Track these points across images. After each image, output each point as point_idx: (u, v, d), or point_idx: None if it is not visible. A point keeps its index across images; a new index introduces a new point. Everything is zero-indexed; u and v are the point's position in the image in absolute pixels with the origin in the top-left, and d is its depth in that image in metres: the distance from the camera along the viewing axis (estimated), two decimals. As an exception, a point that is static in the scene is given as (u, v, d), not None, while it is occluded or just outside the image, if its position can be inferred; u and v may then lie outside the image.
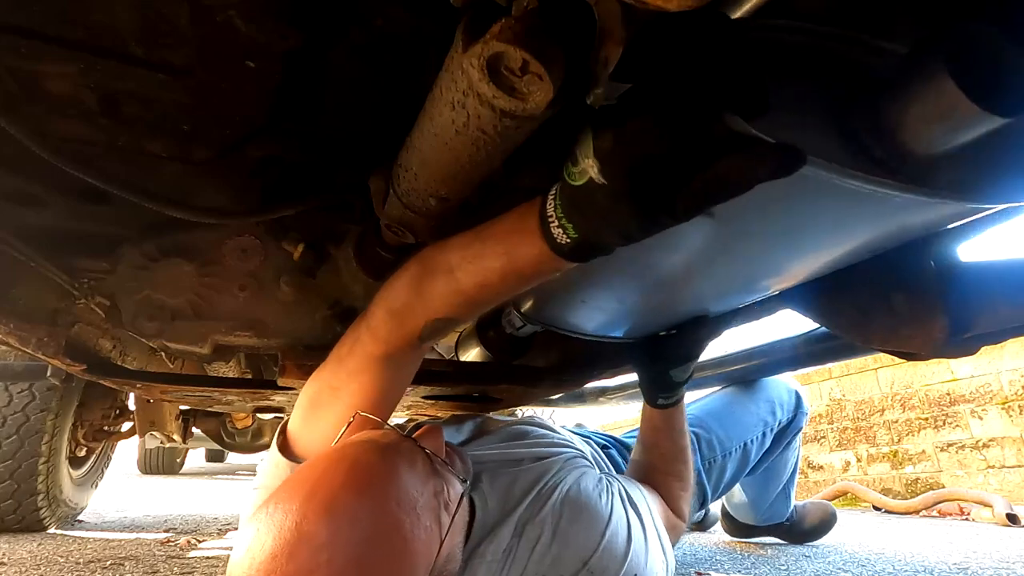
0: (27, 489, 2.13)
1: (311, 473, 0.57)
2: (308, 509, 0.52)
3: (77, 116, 0.64)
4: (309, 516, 0.51)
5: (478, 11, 0.41)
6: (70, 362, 0.98)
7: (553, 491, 0.86)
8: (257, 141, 0.70)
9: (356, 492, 0.54)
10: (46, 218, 0.82)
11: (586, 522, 0.83)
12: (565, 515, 0.82)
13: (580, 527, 0.82)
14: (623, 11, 0.35)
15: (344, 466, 0.57)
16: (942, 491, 3.07)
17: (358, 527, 0.52)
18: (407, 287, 0.64)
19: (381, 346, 0.68)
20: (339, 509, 0.52)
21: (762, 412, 1.48)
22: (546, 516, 0.81)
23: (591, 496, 0.88)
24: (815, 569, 1.62)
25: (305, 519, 0.51)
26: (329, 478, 0.55)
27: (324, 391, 0.73)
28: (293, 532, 0.51)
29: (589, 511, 0.85)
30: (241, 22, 0.53)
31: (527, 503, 0.83)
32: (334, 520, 0.51)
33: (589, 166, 0.43)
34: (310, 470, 0.58)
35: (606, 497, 0.89)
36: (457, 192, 0.58)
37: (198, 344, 0.89)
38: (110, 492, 4.01)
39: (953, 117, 0.44)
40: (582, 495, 0.87)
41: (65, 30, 0.54)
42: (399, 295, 0.65)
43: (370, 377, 0.69)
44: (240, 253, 0.89)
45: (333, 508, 0.52)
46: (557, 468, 0.92)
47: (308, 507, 0.52)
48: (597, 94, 0.42)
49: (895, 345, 0.69)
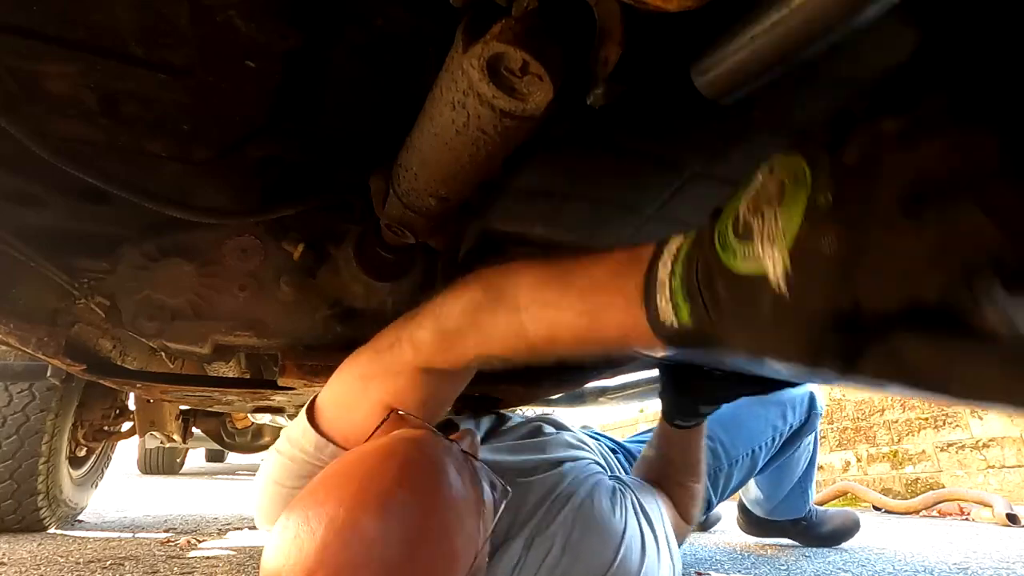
0: (27, 489, 2.13)
1: (360, 467, 0.55)
2: (361, 501, 0.51)
3: (77, 116, 0.64)
4: (362, 509, 0.50)
5: (478, 11, 0.41)
6: (70, 362, 0.98)
7: (566, 502, 0.83)
8: (257, 141, 0.70)
9: (410, 489, 0.53)
10: (46, 218, 0.82)
11: (598, 538, 0.79)
12: (577, 528, 0.79)
13: (592, 543, 0.79)
14: (623, 11, 0.35)
15: (396, 462, 0.55)
16: (942, 491, 3.07)
17: (410, 524, 0.51)
18: (464, 312, 0.58)
19: (421, 359, 0.63)
20: (393, 505, 0.51)
21: (772, 417, 1.43)
22: (557, 529, 0.79)
23: (605, 510, 0.84)
24: (815, 569, 1.62)
25: (358, 511, 0.50)
26: (381, 473, 0.54)
27: (356, 379, 0.69)
28: (346, 524, 0.49)
29: (602, 526, 0.81)
30: (241, 22, 0.53)
31: (539, 515, 0.80)
32: (388, 515, 0.50)
33: (771, 258, 0.28)
34: (358, 464, 0.56)
35: (620, 511, 0.86)
36: (457, 192, 0.58)
37: (198, 344, 0.89)
38: (110, 492, 4.01)
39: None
40: (595, 508, 0.84)
41: (65, 30, 0.54)
42: (453, 316, 0.59)
43: (406, 382, 0.65)
44: (240, 253, 0.89)
45: (387, 503, 0.51)
46: (571, 477, 0.89)
47: (361, 499, 0.51)
48: (597, 94, 0.42)
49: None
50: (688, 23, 0.39)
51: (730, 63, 0.41)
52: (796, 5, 0.35)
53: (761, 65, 0.40)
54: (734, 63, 0.41)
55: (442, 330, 0.60)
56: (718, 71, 0.42)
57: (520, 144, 0.48)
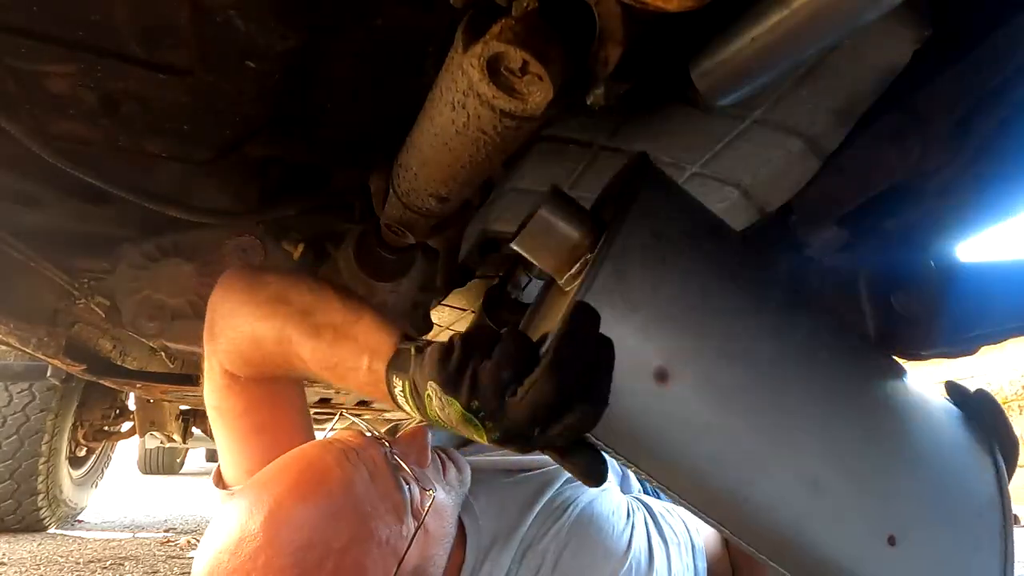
0: (27, 489, 2.13)
1: (267, 472, 0.58)
2: (254, 509, 0.53)
3: (77, 116, 0.64)
4: (253, 516, 0.52)
5: (478, 11, 0.41)
6: (70, 362, 0.98)
7: (563, 511, 0.76)
8: (257, 141, 0.70)
9: (300, 498, 0.54)
10: (46, 218, 0.82)
11: (592, 557, 0.72)
12: (570, 545, 0.72)
13: (585, 562, 0.72)
14: (623, 11, 0.35)
15: (296, 468, 0.57)
16: (942, 491, 3.06)
17: (297, 533, 0.52)
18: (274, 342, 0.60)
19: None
20: (281, 513, 0.52)
21: None
22: (549, 544, 0.72)
23: (605, 524, 0.76)
24: (815, 569, 1.61)
25: (250, 519, 0.52)
26: (279, 479, 0.56)
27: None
28: (236, 530, 0.52)
29: (600, 544, 0.74)
30: (241, 22, 0.53)
31: (530, 521, 0.74)
32: (274, 523, 0.52)
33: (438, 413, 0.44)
34: (270, 469, 0.59)
35: (625, 525, 0.78)
36: (457, 192, 0.58)
37: (198, 344, 0.89)
38: (110, 492, 4.01)
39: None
40: (595, 522, 0.76)
41: (65, 30, 0.54)
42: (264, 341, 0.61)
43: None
44: (240, 253, 0.89)
45: (275, 511, 0.52)
46: (566, 478, 0.81)
47: (254, 507, 0.53)
48: (597, 94, 0.42)
49: (895, 345, 0.69)
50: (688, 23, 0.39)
51: (730, 64, 0.41)
52: (796, 6, 0.35)
53: (761, 65, 0.40)
54: (734, 63, 0.41)
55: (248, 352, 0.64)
56: (718, 71, 0.43)
57: (520, 144, 0.48)
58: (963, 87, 0.57)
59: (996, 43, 0.53)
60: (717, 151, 0.70)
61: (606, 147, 0.71)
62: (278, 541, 0.51)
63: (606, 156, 0.72)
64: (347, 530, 0.54)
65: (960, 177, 0.62)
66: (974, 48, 0.55)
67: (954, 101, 0.58)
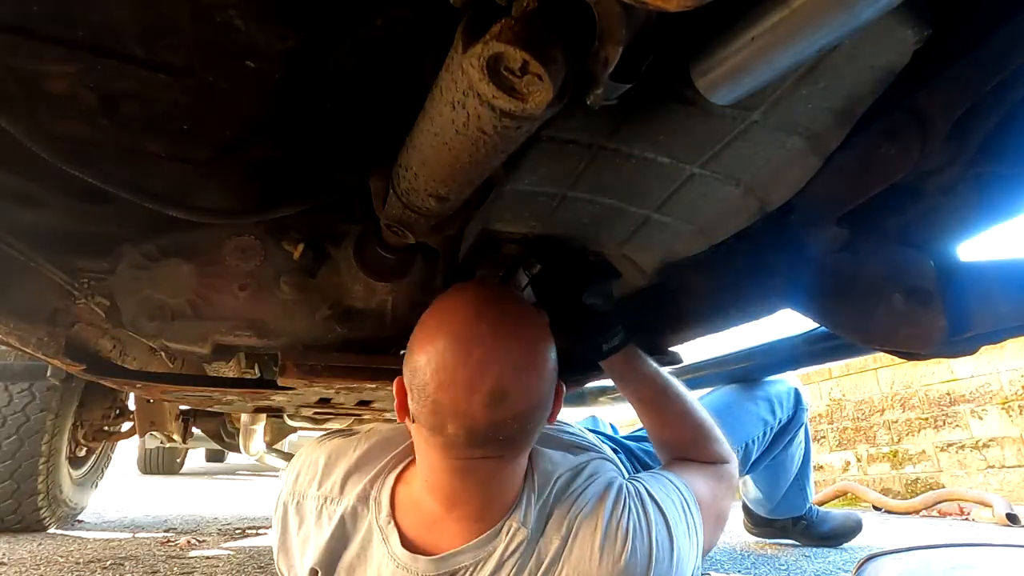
0: (27, 489, 2.13)
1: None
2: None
3: (77, 116, 0.64)
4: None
5: (478, 11, 0.41)
6: (70, 362, 0.98)
7: (574, 501, 0.77)
8: (257, 141, 0.70)
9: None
10: (46, 218, 0.82)
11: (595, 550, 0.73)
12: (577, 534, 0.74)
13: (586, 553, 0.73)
14: (623, 11, 0.35)
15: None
16: (942, 491, 3.07)
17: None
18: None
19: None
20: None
21: (762, 411, 1.47)
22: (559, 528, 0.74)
23: (609, 521, 0.75)
24: (815, 569, 1.62)
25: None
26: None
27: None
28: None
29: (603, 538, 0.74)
30: (241, 22, 0.53)
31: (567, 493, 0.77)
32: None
33: None
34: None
35: (623, 515, 0.77)
36: (457, 192, 0.58)
37: (198, 344, 0.89)
38: (110, 492, 4.01)
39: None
40: (601, 517, 0.75)
41: (65, 30, 0.54)
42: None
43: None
44: (240, 253, 0.89)
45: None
46: (592, 467, 0.83)
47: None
48: (597, 94, 0.42)
49: (895, 345, 0.69)
50: (688, 23, 0.39)
51: (731, 63, 0.41)
52: (796, 6, 0.35)
53: (761, 65, 0.40)
54: (735, 63, 0.41)
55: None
56: (718, 71, 0.43)
57: (520, 144, 0.48)
58: (963, 87, 0.57)
59: (996, 43, 0.53)
60: (717, 151, 0.70)
61: (606, 147, 0.71)
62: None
63: (606, 156, 0.72)
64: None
65: (960, 177, 0.62)
66: (974, 48, 0.55)
67: (954, 101, 0.58)
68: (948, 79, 0.57)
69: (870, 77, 0.58)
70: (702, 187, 0.77)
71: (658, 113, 0.64)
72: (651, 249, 0.94)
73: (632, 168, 0.74)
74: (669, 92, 0.60)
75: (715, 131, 0.67)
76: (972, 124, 0.58)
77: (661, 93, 0.61)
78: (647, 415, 1.03)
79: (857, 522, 1.95)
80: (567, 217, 0.87)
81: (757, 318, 1.00)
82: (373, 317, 0.95)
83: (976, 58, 0.55)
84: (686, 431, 0.99)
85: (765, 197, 0.78)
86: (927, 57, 0.55)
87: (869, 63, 0.57)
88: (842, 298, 0.75)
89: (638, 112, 0.64)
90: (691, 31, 0.44)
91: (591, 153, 0.72)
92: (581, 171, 0.75)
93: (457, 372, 0.64)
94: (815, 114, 0.63)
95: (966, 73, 0.56)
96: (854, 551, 1.89)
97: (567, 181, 0.78)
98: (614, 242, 0.94)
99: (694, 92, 0.45)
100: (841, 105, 0.62)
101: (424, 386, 0.66)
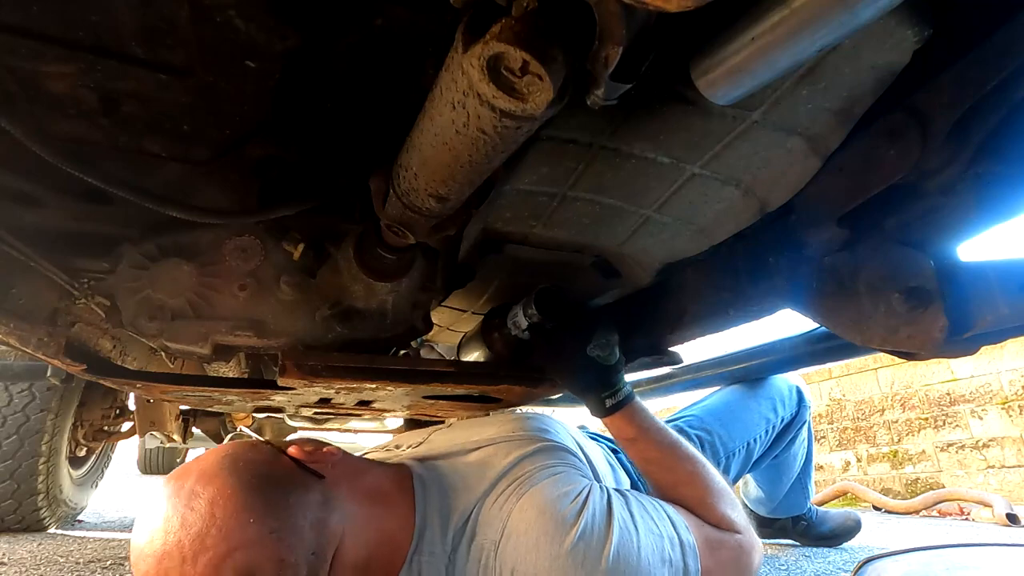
0: (27, 489, 2.13)
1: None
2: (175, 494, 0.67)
3: (77, 116, 0.64)
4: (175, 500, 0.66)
5: (478, 11, 0.41)
6: (70, 362, 0.98)
7: (505, 501, 0.77)
8: (257, 141, 0.70)
9: (204, 482, 0.67)
10: (46, 218, 0.82)
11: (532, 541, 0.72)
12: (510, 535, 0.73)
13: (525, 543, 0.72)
14: (623, 11, 0.35)
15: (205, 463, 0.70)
16: (942, 491, 3.07)
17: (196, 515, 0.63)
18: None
19: None
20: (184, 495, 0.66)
21: (764, 410, 1.47)
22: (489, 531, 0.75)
23: (554, 511, 0.74)
24: (815, 569, 1.62)
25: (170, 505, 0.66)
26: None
27: None
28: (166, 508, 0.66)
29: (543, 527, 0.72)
30: (241, 22, 0.53)
31: (488, 488, 0.79)
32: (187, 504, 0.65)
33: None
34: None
35: (581, 509, 0.75)
36: (457, 192, 0.58)
37: (198, 344, 0.89)
38: (110, 492, 4.00)
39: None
40: (545, 503, 0.74)
41: (65, 30, 0.54)
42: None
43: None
44: (240, 253, 0.89)
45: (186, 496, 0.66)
46: (513, 455, 0.83)
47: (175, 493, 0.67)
48: (597, 94, 0.42)
49: (895, 345, 0.69)
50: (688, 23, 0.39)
51: (731, 63, 0.41)
52: (796, 6, 0.35)
53: (761, 65, 0.40)
54: (735, 63, 0.41)
55: None
56: (719, 71, 0.43)
57: (520, 144, 0.48)
58: (963, 87, 0.57)
59: (996, 43, 0.53)
60: (717, 151, 0.70)
61: (606, 147, 0.71)
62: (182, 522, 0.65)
63: (606, 156, 0.72)
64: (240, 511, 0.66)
65: (960, 177, 0.62)
66: (974, 48, 0.55)
67: (954, 101, 0.58)
68: (948, 79, 0.57)
69: (870, 77, 0.58)
70: (702, 187, 0.77)
71: (658, 113, 0.64)
72: (651, 249, 0.94)
73: (632, 168, 0.74)
74: (669, 92, 0.60)
75: (715, 131, 0.67)
76: (972, 124, 0.58)
77: (661, 93, 0.61)
78: (655, 475, 0.98)
79: (856, 522, 1.95)
80: (567, 217, 0.87)
81: (757, 318, 1.00)
82: (373, 317, 0.94)
83: (976, 58, 0.55)
84: (696, 490, 0.92)
85: (765, 197, 0.78)
86: (927, 57, 0.55)
87: (869, 63, 0.57)
88: (842, 298, 0.75)
89: (638, 112, 0.64)
90: (691, 31, 0.44)
91: (591, 153, 0.72)
92: (581, 171, 0.75)
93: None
94: (815, 114, 0.63)
95: (966, 73, 0.56)
96: (854, 551, 1.89)
97: (567, 181, 0.78)
98: (614, 242, 0.94)
99: (694, 92, 0.45)
100: (841, 105, 0.62)
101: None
